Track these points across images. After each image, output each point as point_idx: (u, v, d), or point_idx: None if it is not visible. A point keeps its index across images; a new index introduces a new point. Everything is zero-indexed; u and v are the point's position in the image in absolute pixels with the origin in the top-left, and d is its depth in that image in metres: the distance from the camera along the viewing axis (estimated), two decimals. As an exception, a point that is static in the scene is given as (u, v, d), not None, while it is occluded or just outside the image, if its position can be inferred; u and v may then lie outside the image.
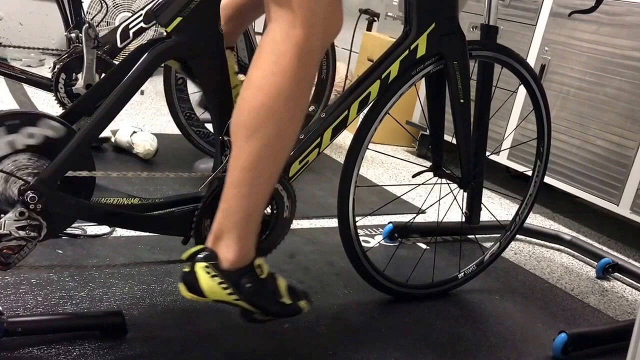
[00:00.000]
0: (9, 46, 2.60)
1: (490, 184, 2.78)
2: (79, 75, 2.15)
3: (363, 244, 1.52)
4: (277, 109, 1.09)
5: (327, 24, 1.11)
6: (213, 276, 1.15)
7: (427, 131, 2.01)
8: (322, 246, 1.84)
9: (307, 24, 1.07)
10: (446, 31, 1.39)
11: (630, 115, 2.22)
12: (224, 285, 1.15)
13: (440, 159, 1.60)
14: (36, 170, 1.12)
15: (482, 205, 1.70)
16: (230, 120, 1.14)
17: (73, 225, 1.25)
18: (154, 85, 3.26)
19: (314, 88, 2.52)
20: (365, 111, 1.40)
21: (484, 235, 2.07)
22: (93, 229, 1.66)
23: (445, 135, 1.59)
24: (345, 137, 1.80)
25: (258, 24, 2.17)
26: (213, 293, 1.16)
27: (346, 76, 3.65)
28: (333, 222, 2.00)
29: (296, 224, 1.94)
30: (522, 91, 2.48)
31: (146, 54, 1.16)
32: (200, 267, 1.15)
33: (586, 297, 1.87)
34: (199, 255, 1.16)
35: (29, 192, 1.08)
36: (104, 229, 1.67)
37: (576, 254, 2.18)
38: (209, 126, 1.16)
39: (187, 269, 1.17)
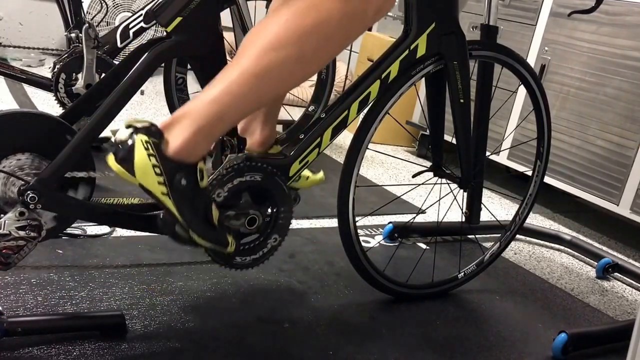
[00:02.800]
0: (9, 46, 2.60)
1: (490, 184, 2.78)
2: (79, 75, 2.15)
3: (363, 244, 1.52)
4: (308, 36, 1.06)
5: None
6: (150, 155, 1.04)
7: (427, 131, 2.01)
8: (322, 246, 1.84)
9: None
10: (446, 31, 1.39)
11: (630, 115, 2.22)
12: (157, 170, 1.05)
13: (440, 159, 1.60)
14: (36, 170, 1.12)
15: (482, 205, 1.70)
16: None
17: (73, 225, 1.25)
18: (154, 85, 3.26)
19: (314, 88, 2.52)
20: (365, 111, 1.40)
21: (484, 235, 2.07)
22: (93, 229, 1.66)
23: (445, 135, 1.59)
24: (345, 137, 1.79)
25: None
26: (143, 174, 1.05)
27: (346, 76, 3.65)
28: (333, 222, 2.00)
29: (296, 224, 1.94)
30: (522, 91, 2.48)
31: (146, 53, 1.16)
32: (140, 140, 1.04)
33: (586, 297, 1.87)
34: (143, 127, 1.06)
35: (29, 192, 1.08)
36: (104, 229, 1.67)
37: (576, 254, 2.18)
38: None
39: (123, 137, 1.06)
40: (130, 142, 1.05)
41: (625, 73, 2.24)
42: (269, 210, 1.27)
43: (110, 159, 1.06)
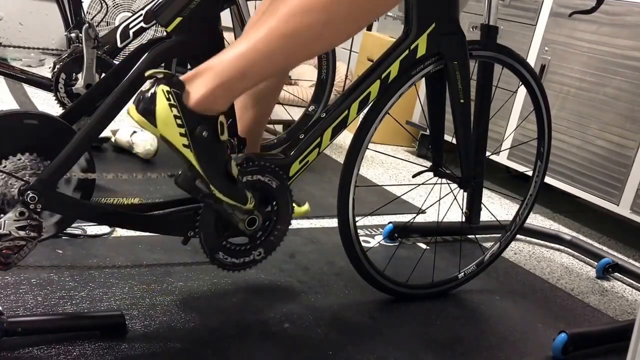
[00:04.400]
0: (9, 46, 2.60)
1: (490, 184, 2.78)
2: (79, 75, 2.15)
3: (363, 244, 1.52)
4: (337, 3, 1.07)
5: None
6: (171, 105, 1.03)
7: (427, 131, 2.01)
8: (322, 246, 1.84)
9: None
10: (446, 31, 1.39)
11: (630, 115, 2.22)
12: (179, 122, 1.04)
13: (440, 158, 1.60)
14: (36, 170, 1.12)
15: (482, 205, 1.70)
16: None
17: (73, 225, 1.25)
18: (154, 85, 3.26)
19: (314, 88, 2.52)
20: (365, 111, 1.40)
21: (484, 235, 2.07)
22: (93, 229, 1.66)
23: (445, 135, 1.59)
24: (345, 137, 1.80)
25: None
26: (165, 125, 1.03)
27: (346, 76, 3.65)
28: (333, 222, 2.00)
29: (296, 224, 1.94)
30: (522, 91, 2.48)
31: (146, 54, 1.16)
32: (162, 90, 1.03)
33: (586, 297, 1.87)
34: (165, 77, 1.05)
35: (29, 192, 1.08)
36: (104, 229, 1.67)
37: (576, 254, 2.18)
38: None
39: (146, 88, 1.05)
40: (151, 92, 1.04)
41: (625, 73, 2.24)
42: (268, 216, 1.27)
43: (132, 109, 1.04)
